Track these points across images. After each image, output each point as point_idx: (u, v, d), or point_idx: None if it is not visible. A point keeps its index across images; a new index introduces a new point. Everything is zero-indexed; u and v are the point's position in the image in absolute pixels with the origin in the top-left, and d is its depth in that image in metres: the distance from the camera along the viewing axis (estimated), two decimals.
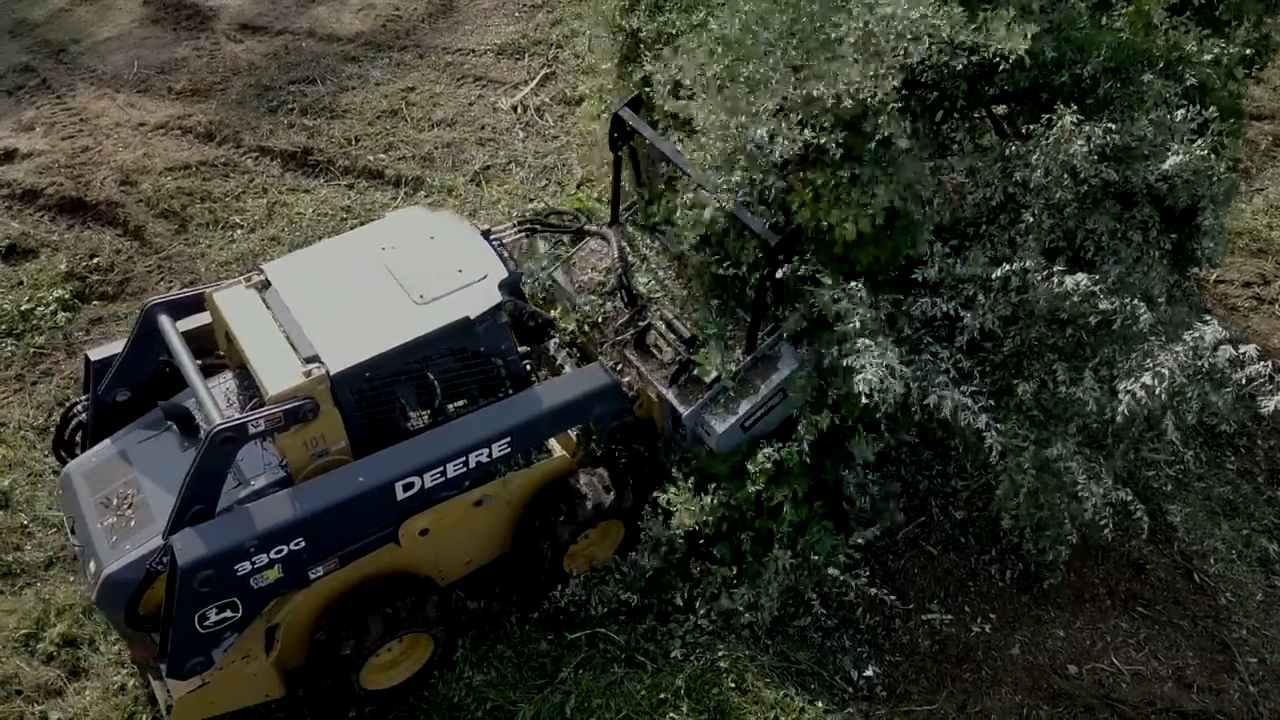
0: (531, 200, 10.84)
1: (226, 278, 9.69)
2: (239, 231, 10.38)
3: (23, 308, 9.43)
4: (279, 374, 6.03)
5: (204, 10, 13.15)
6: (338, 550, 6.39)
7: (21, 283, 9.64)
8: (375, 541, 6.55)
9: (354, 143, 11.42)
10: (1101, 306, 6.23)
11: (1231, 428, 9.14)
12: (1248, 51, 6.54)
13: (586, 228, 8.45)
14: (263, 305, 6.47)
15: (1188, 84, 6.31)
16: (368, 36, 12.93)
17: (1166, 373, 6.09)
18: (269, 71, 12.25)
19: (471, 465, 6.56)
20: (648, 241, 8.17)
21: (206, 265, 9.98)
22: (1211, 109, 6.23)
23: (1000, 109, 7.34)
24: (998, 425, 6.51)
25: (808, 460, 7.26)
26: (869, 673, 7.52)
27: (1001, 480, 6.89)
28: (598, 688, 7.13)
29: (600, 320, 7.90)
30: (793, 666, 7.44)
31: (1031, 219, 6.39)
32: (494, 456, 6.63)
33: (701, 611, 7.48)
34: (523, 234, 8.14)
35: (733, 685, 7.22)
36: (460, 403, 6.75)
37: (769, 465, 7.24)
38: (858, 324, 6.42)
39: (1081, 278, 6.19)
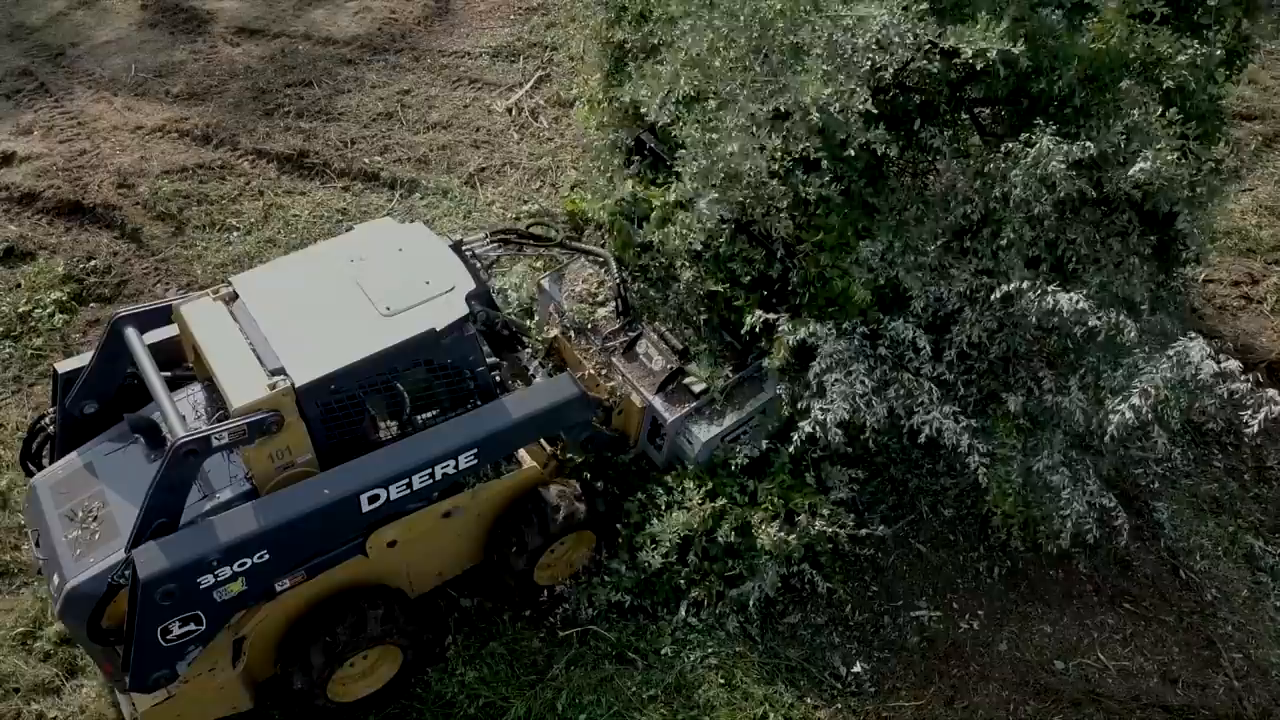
0: (526, 202, 10.92)
1: (223, 280, 9.83)
2: (235, 234, 10.46)
3: (20, 310, 9.50)
4: (243, 386, 5.99)
5: (201, 14, 13.23)
6: (304, 563, 6.38)
7: (19, 285, 9.72)
8: (343, 554, 6.53)
9: (350, 145, 11.50)
10: (1090, 323, 6.31)
11: (1218, 426, 9.22)
12: (1219, 52, 6.58)
13: (581, 246, 8.55)
14: (229, 317, 6.44)
15: (1165, 88, 6.37)
16: (364, 40, 13.02)
17: (1153, 391, 6.21)
18: (265, 75, 12.33)
19: (438, 477, 6.48)
20: (640, 263, 8.30)
21: (203, 267, 10.06)
22: (1173, 110, 6.28)
23: (984, 112, 7.40)
24: (979, 446, 6.65)
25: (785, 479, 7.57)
26: (857, 669, 7.60)
27: (990, 487, 6.99)
28: (588, 684, 7.22)
29: (590, 328, 8.04)
30: (782, 663, 7.53)
31: (1013, 234, 6.47)
32: (461, 468, 6.56)
33: (691, 611, 7.56)
34: (495, 245, 8.15)
35: (722, 682, 7.31)
36: (430, 414, 6.72)
37: (744, 460, 7.54)
38: (825, 363, 6.60)
39: (1074, 296, 6.27)
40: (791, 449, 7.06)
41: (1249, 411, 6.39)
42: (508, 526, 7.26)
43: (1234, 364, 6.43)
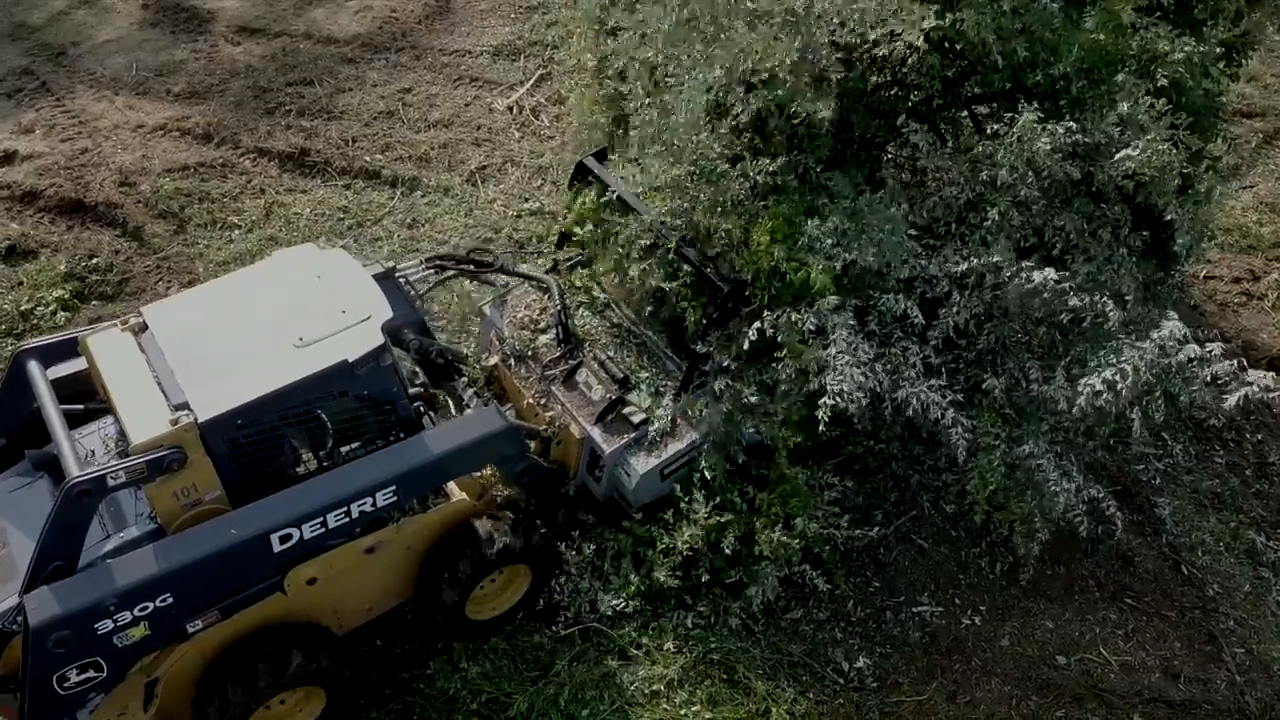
0: (527, 200, 10.94)
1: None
2: (237, 232, 10.47)
3: (22, 308, 9.51)
4: (144, 422, 5.71)
5: (202, 13, 13.24)
6: (214, 603, 6.06)
7: (21, 283, 9.73)
8: (259, 592, 6.23)
9: (351, 143, 11.51)
10: (1071, 303, 6.28)
11: (1219, 422, 9.23)
12: (1218, 49, 6.60)
13: (524, 272, 8.39)
14: (137, 349, 6.18)
15: (1160, 83, 6.39)
16: (365, 38, 13.03)
17: (1130, 369, 6.15)
18: (266, 73, 12.34)
19: (355, 515, 6.18)
20: (585, 290, 8.22)
21: (205, 265, 10.07)
22: (1163, 101, 6.29)
23: (982, 110, 7.43)
24: (964, 420, 6.58)
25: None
26: (860, 664, 7.60)
27: (972, 477, 6.98)
28: (591, 679, 7.22)
29: (530, 355, 7.86)
30: (784, 658, 7.53)
31: (999, 216, 6.46)
32: (379, 505, 6.24)
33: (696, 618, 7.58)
34: (431, 271, 8.01)
35: (725, 677, 7.31)
36: (356, 444, 6.47)
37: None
38: (833, 348, 6.53)
39: (1049, 272, 6.26)
40: (791, 444, 7.07)
41: (1229, 392, 6.38)
42: (438, 560, 6.96)
43: (1216, 346, 6.44)
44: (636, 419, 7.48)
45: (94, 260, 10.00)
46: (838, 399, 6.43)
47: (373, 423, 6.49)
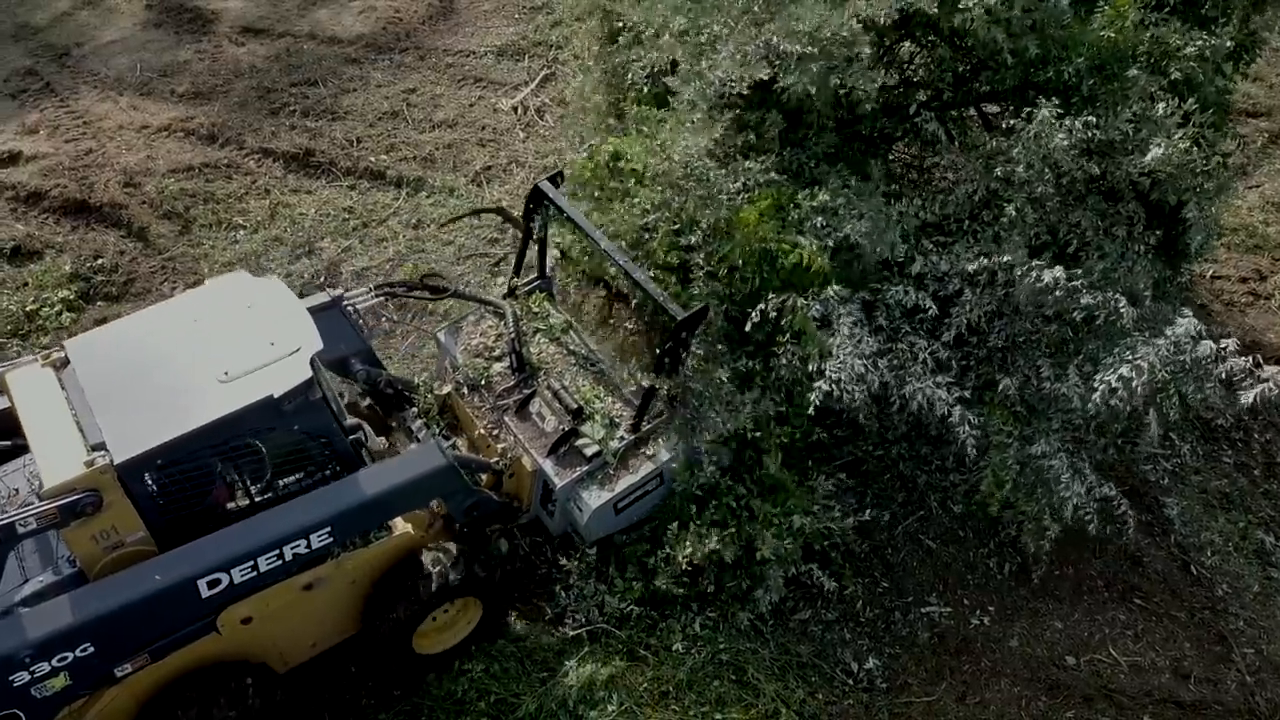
0: None
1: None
2: (242, 232, 10.46)
3: (28, 308, 9.49)
4: (58, 464, 5.42)
5: (206, 13, 13.24)
6: (142, 649, 5.81)
7: (27, 284, 9.71)
8: (190, 634, 5.94)
9: (355, 144, 11.49)
10: (1084, 301, 6.25)
11: (1228, 422, 9.21)
12: (1229, 45, 6.58)
13: (478, 297, 8.21)
14: (57, 385, 5.89)
15: (1172, 79, 6.37)
16: (368, 39, 13.02)
17: (1146, 366, 6.12)
18: (270, 74, 12.33)
19: (288, 558, 5.92)
20: (541, 317, 8.05)
21: (210, 266, 10.05)
22: (1190, 100, 6.28)
23: (991, 109, 7.43)
24: (970, 416, 6.54)
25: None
26: (869, 665, 7.58)
27: (984, 476, 6.97)
28: (599, 681, 7.18)
29: (483, 384, 7.65)
30: (793, 659, 7.51)
31: (1014, 213, 6.44)
32: (314, 548, 5.99)
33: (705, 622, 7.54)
34: (380, 299, 7.80)
35: (734, 678, 7.28)
36: (296, 476, 6.22)
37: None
38: (839, 336, 6.46)
39: (1060, 271, 6.23)
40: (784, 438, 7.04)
41: (1244, 389, 6.34)
42: (383, 594, 6.67)
43: (1231, 342, 6.41)
44: (590, 451, 7.21)
45: (99, 261, 9.99)
46: (834, 386, 6.38)
47: (307, 457, 6.21)
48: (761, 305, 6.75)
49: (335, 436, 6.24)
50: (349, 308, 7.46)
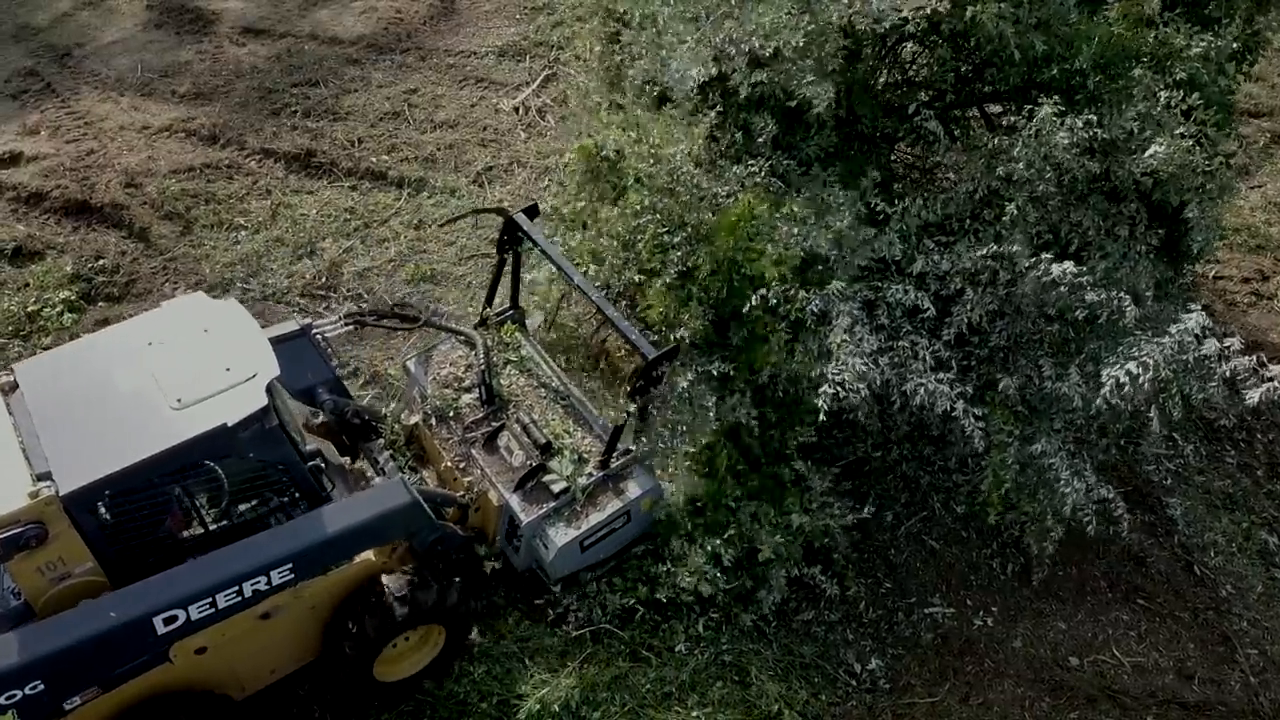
0: (534, 200, 10.88)
1: (230, 279, 9.83)
2: (243, 233, 10.44)
3: (29, 309, 9.47)
4: (1, 495, 5.23)
5: (206, 14, 13.23)
6: (93, 684, 5.67)
7: (28, 284, 9.68)
8: (142, 665, 5.77)
9: (357, 144, 11.48)
10: (1088, 298, 6.22)
11: (1230, 422, 9.21)
12: (1234, 46, 6.58)
13: (448, 326, 8.11)
14: (5, 411, 5.73)
15: (1176, 78, 6.36)
16: (369, 39, 13.01)
17: (1151, 362, 6.10)
18: (272, 74, 12.32)
19: (248, 594, 5.78)
20: (513, 348, 7.96)
21: (211, 267, 10.03)
22: (1195, 96, 6.26)
23: (994, 110, 7.42)
24: (975, 411, 6.51)
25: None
26: (872, 666, 7.57)
27: (985, 476, 6.96)
28: (602, 681, 7.17)
29: (452, 415, 7.54)
30: (796, 660, 7.50)
31: (1015, 211, 6.42)
32: (275, 584, 5.86)
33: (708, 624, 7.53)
34: (350, 327, 7.70)
35: (737, 679, 7.27)
36: (253, 503, 6.08)
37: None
38: (840, 331, 6.44)
39: (1068, 265, 6.20)
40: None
41: (1249, 388, 6.32)
42: (343, 620, 6.50)
43: (1235, 340, 6.40)
44: (557, 488, 7.11)
45: (100, 262, 9.96)
46: (838, 388, 6.36)
47: (265, 483, 6.06)
48: (762, 290, 6.71)
49: (293, 465, 6.08)
50: (318, 336, 7.35)
